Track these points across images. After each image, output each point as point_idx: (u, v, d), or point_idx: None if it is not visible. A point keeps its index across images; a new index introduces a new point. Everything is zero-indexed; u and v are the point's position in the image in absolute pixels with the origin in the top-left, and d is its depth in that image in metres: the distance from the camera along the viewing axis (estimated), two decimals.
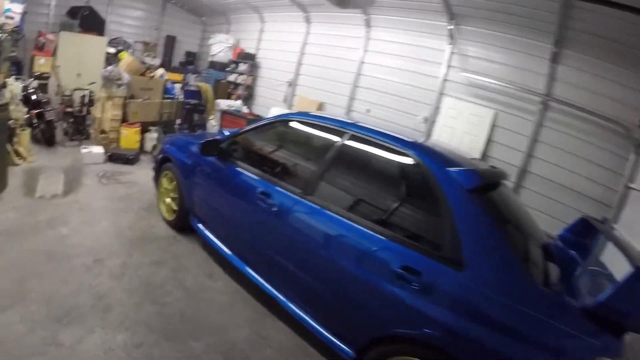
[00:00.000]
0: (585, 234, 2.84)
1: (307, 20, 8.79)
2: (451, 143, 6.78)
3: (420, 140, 2.69)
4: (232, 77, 9.73)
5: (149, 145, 6.63)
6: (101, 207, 4.29)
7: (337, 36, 8.36)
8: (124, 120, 6.31)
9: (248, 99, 9.79)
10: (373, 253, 2.25)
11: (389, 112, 7.71)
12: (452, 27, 6.83)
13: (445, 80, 7.12)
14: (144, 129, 6.54)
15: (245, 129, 3.56)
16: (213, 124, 7.76)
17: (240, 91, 9.64)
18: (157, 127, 6.60)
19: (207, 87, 6.91)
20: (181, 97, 6.90)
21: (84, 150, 5.48)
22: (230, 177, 3.27)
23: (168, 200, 4.19)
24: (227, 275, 3.43)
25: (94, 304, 2.72)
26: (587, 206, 5.79)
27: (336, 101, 8.42)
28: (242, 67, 9.67)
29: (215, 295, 3.14)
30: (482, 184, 2.17)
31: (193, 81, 7.10)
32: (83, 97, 6.25)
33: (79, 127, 6.21)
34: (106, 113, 6.13)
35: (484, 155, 6.73)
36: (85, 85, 6.32)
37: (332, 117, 3.03)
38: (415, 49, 7.37)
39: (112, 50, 7.45)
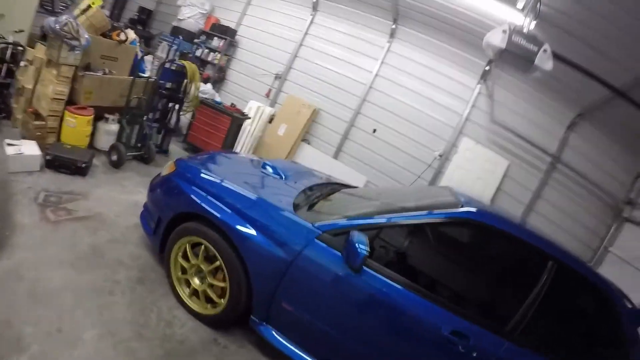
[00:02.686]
0: None
1: (314, 8, 7.24)
2: (462, 186, 6.44)
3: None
4: (199, 52, 7.54)
5: (102, 141, 4.53)
6: (65, 286, 2.45)
7: (350, 36, 7.04)
8: (70, 101, 4.09)
9: (218, 82, 7.79)
10: None
11: (399, 138, 6.91)
12: (488, 67, 6.27)
13: (467, 119, 6.58)
14: (97, 116, 4.39)
15: (391, 220, 2.24)
16: (188, 118, 5.78)
17: (209, 72, 7.56)
18: (121, 116, 4.51)
19: (193, 68, 4.95)
20: (147, 76, 4.84)
21: (10, 151, 3.27)
22: (381, 297, 2.08)
23: (197, 282, 2.60)
24: None
25: None
26: None
27: (336, 111, 7.21)
28: (216, 42, 7.58)
29: None
30: None
31: (175, 55, 5.02)
32: (3, 50, 3.82)
33: None
34: (45, 87, 3.86)
35: (491, 203, 6.52)
36: (9, 35, 3.86)
37: (531, 232, 2.31)
38: (441, 78, 6.64)
39: None
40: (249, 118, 6.57)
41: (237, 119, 6.14)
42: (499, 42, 2.80)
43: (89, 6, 3.79)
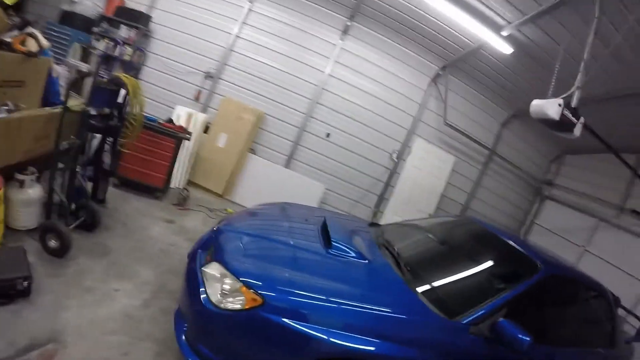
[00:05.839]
0: None
1: None
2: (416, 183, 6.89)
3: None
4: (102, 45, 5.55)
5: (22, 218, 2.98)
6: None
7: (297, 30, 6.19)
8: None
9: None
10: None
11: (354, 142, 6.70)
12: (441, 73, 6.43)
13: (419, 120, 6.70)
14: (5, 176, 2.82)
15: (510, 296, 2.40)
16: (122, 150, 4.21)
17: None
18: (47, 171, 2.99)
19: (135, 84, 3.54)
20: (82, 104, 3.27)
21: None
22: None
23: None
24: None
25: None
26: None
27: (285, 116, 6.46)
28: (125, 32, 5.69)
29: None
30: None
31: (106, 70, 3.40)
32: None
33: None
34: None
35: (442, 195, 7.08)
36: None
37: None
38: (394, 78, 6.51)
39: None
40: (190, 134, 5.27)
41: (180, 139, 4.86)
42: (553, 114, 3.06)
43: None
